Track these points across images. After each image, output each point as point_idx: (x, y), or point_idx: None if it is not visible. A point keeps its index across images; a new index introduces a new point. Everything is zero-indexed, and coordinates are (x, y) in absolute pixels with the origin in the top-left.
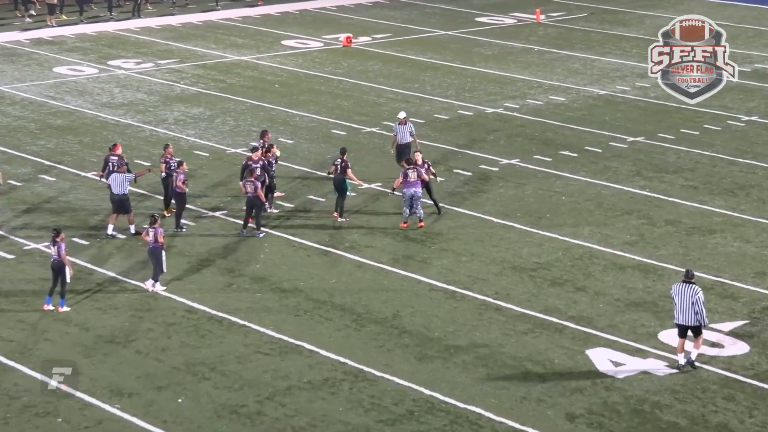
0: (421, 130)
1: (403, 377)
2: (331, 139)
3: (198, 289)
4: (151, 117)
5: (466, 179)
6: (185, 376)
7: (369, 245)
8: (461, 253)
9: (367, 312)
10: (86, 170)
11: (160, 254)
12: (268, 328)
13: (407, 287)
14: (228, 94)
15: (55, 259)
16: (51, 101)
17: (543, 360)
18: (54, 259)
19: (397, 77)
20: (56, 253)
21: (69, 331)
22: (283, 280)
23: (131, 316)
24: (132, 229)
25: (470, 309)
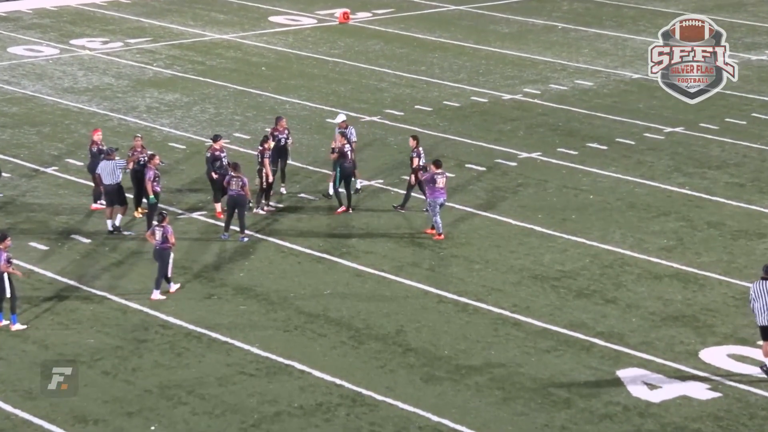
0: (428, 118)
1: (407, 401)
2: (326, 129)
3: (173, 301)
4: (119, 104)
5: (480, 175)
6: (159, 401)
7: (369, 251)
8: (474, 260)
9: (366, 327)
10: (46, 165)
11: (167, 257)
12: (254, 345)
13: (412, 299)
14: (208, 78)
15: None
16: (5, 86)
17: (567, 382)
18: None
19: (401, 59)
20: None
21: (26, 349)
22: (271, 291)
23: (97, 331)
24: (117, 222)
25: (484, 324)
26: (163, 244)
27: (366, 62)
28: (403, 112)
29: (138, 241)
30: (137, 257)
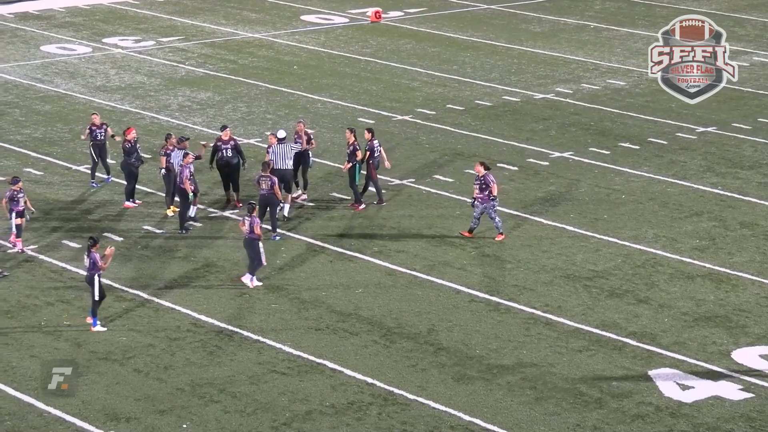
0: (460, 117)
1: (439, 401)
2: (358, 128)
3: (205, 299)
4: (152, 102)
5: (512, 175)
6: (190, 399)
7: (401, 250)
8: (506, 259)
9: (398, 326)
10: (78, 163)
11: (257, 245)
12: (286, 344)
13: (444, 298)
14: (240, 77)
15: (87, 271)
16: (38, 84)
17: (599, 382)
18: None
19: (433, 58)
20: (86, 266)
21: (58, 347)
22: (303, 290)
23: (129, 329)
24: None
25: (516, 323)
26: (251, 234)
27: (398, 61)
28: (435, 112)
29: (170, 239)
30: (169, 255)
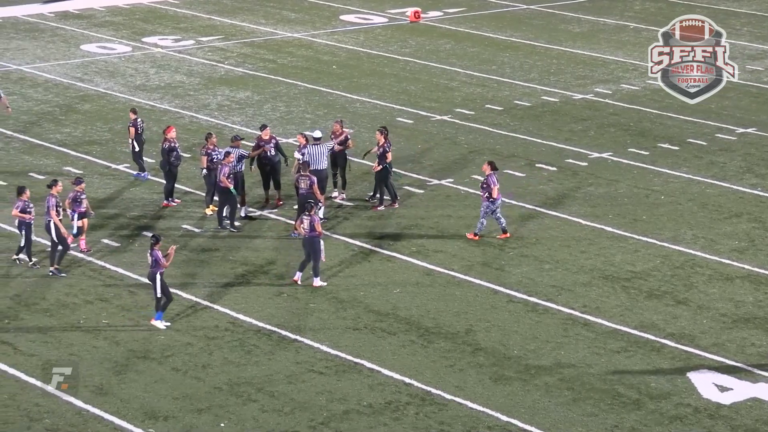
0: (499, 118)
1: (476, 401)
2: (397, 128)
3: (243, 298)
4: (191, 102)
5: (551, 175)
6: (228, 398)
7: (439, 250)
8: (544, 259)
9: (436, 326)
10: (117, 162)
11: (318, 244)
12: (323, 343)
13: (482, 298)
14: (279, 76)
15: (149, 269)
16: (78, 83)
17: (638, 383)
18: (149, 269)
19: (472, 58)
20: (149, 263)
21: (97, 345)
22: (341, 289)
23: (168, 328)
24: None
25: (554, 324)
26: (311, 233)
27: (437, 61)
28: (474, 111)
29: (209, 239)
30: (208, 255)
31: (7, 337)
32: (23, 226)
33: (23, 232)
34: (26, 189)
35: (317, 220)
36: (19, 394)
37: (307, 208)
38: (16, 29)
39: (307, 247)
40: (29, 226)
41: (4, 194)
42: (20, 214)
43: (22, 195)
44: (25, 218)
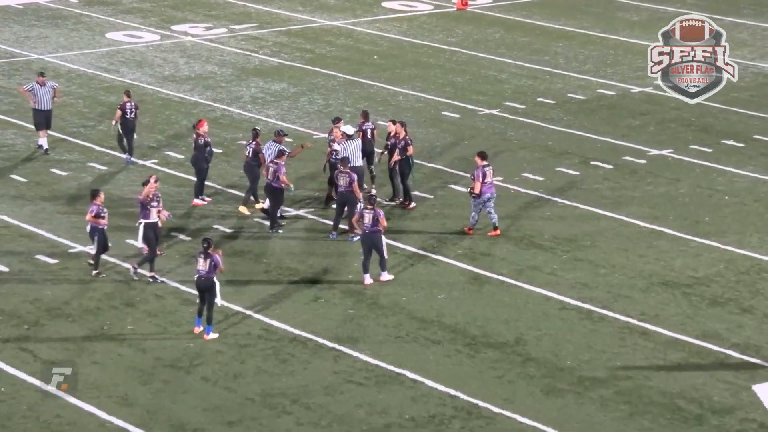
0: (551, 112)
1: (526, 414)
2: (442, 122)
3: (278, 303)
4: (223, 94)
5: (607, 173)
6: (261, 410)
7: (486, 253)
8: (600, 264)
9: (483, 335)
10: (145, 158)
11: (380, 239)
12: (363, 352)
13: (533, 305)
14: (316, 67)
15: (203, 275)
16: (103, 74)
17: (699, 397)
18: (202, 274)
19: (523, 48)
20: (205, 268)
21: (122, 353)
22: (382, 294)
23: (197, 335)
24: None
25: (610, 333)
26: (373, 227)
27: (485, 51)
28: (524, 105)
29: (241, 239)
30: (240, 256)
31: (26, 344)
32: (96, 233)
33: (95, 239)
34: (100, 192)
35: (381, 213)
36: (39, 405)
37: (368, 201)
38: (38, 16)
39: (368, 243)
40: (103, 233)
41: (24, 191)
42: (95, 219)
43: (96, 198)
44: (99, 224)
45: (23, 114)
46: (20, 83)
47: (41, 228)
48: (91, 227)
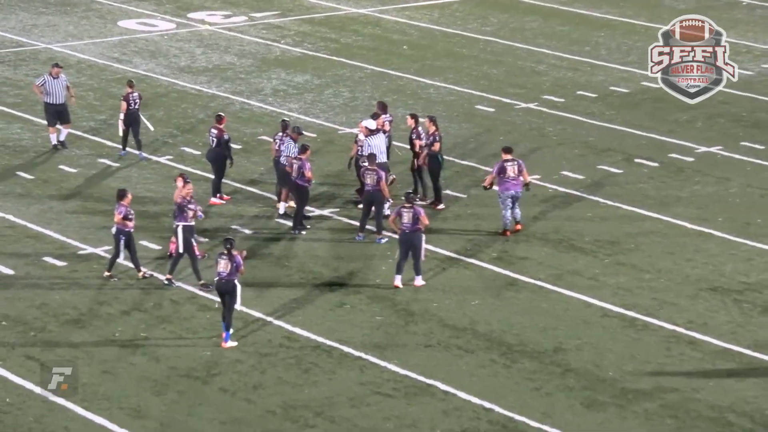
0: (592, 106)
1: (566, 429)
2: (475, 117)
3: (301, 309)
4: (242, 86)
5: (652, 172)
6: (283, 423)
7: (524, 256)
8: (644, 268)
9: (520, 343)
10: (159, 154)
11: (420, 240)
12: (391, 362)
13: (573, 312)
14: (342, 58)
15: (224, 277)
16: (115, 64)
17: (751, 411)
18: (223, 277)
19: (562, 38)
20: (227, 271)
21: (134, 362)
22: (411, 300)
23: (214, 343)
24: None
25: (655, 342)
26: (414, 226)
27: (522, 41)
28: (564, 99)
29: (262, 241)
30: (260, 259)
31: (32, 352)
32: (122, 235)
33: (122, 241)
34: (128, 192)
35: (422, 212)
36: (46, 416)
37: (408, 199)
38: (46, 3)
39: (407, 243)
40: (130, 236)
41: (31, 189)
42: (122, 220)
43: (124, 199)
44: (126, 226)
45: (30, 107)
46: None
47: (49, 228)
48: (117, 229)
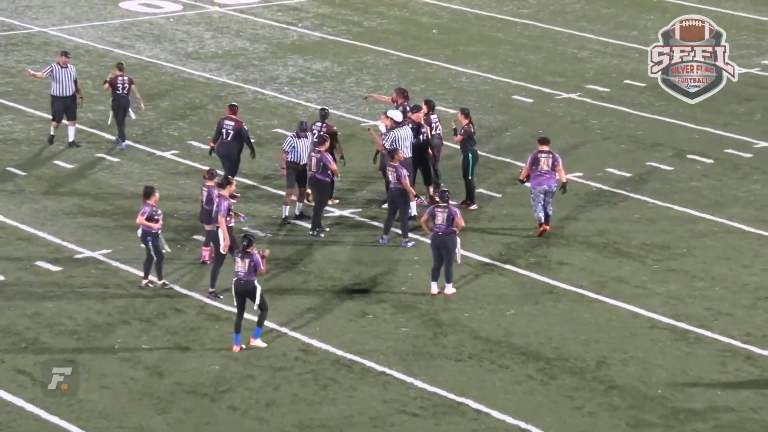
0: (641, 96)
1: None
2: (512, 108)
3: (318, 320)
4: (255, 74)
5: (705, 169)
6: None
7: (564, 261)
8: (697, 275)
9: (559, 357)
10: (163, 148)
11: (454, 243)
12: (418, 377)
13: (618, 323)
14: (365, 43)
15: (242, 278)
16: (116, 49)
17: None
18: (241, 278)
19: (608, 21)
20: (246, 270)
21: (136, 377)
22: (440, 310)
23: (224, 356)
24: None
25: (709, 356)
26: (448, 228)
27: (563, 25)
28: (609, 88)
29: (277, 245)
30: (274, 265)
31: (24, 365)
32: (149, 237)
33: (149, 244)
34: (155, 190)
35: (458, 212)
36: None
37: (442, 197)
38: None
39: (440, 247)
40: (156, 237)
41: (23, 186)
42: (147, 222)
43: (150, 197)
44: (152, 228)
45: (22, 96)
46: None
47: (42, 230)
48: (143, 231)
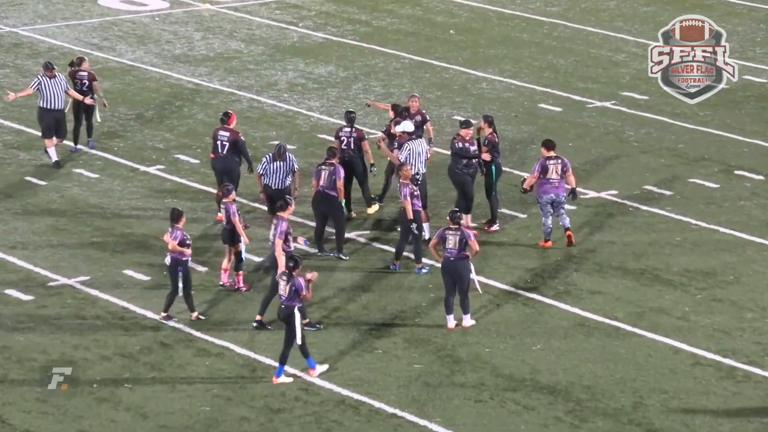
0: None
1: None
2: (538, 117)
3: (321, 355)
4: (251, 79)
5: (755, 186)
6: None
7: (596, 290)
8: (745, 305)
9: (591, 398)
10: (148, 163)
11: (467, 269)
12: (433, 420)
13: (657, 359)
14: (374, 45)
15: (283, 302)
16: (95, 51)
17: None
18: (282, 301)
19: (646, 20)
20: (287, 294)
21: (116, 418)
22: (458, 344)
23: (215, 396)
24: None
25: (759, 396)
26: (460, 253)
27: (596, 25)
28: (647, 96)
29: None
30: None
31: None
32: (180, 267)
33: (180, 274)
34: (183, 213)
35: (471, 235)
36: None
37: (454, 219)
38: None
39: (451, 274)
40: (186, 266)
41: None
42: (179, 247)
43: (179, 221)
44: (184, 254)
45: None
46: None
47: (12, 254)
48: (172, 259)
